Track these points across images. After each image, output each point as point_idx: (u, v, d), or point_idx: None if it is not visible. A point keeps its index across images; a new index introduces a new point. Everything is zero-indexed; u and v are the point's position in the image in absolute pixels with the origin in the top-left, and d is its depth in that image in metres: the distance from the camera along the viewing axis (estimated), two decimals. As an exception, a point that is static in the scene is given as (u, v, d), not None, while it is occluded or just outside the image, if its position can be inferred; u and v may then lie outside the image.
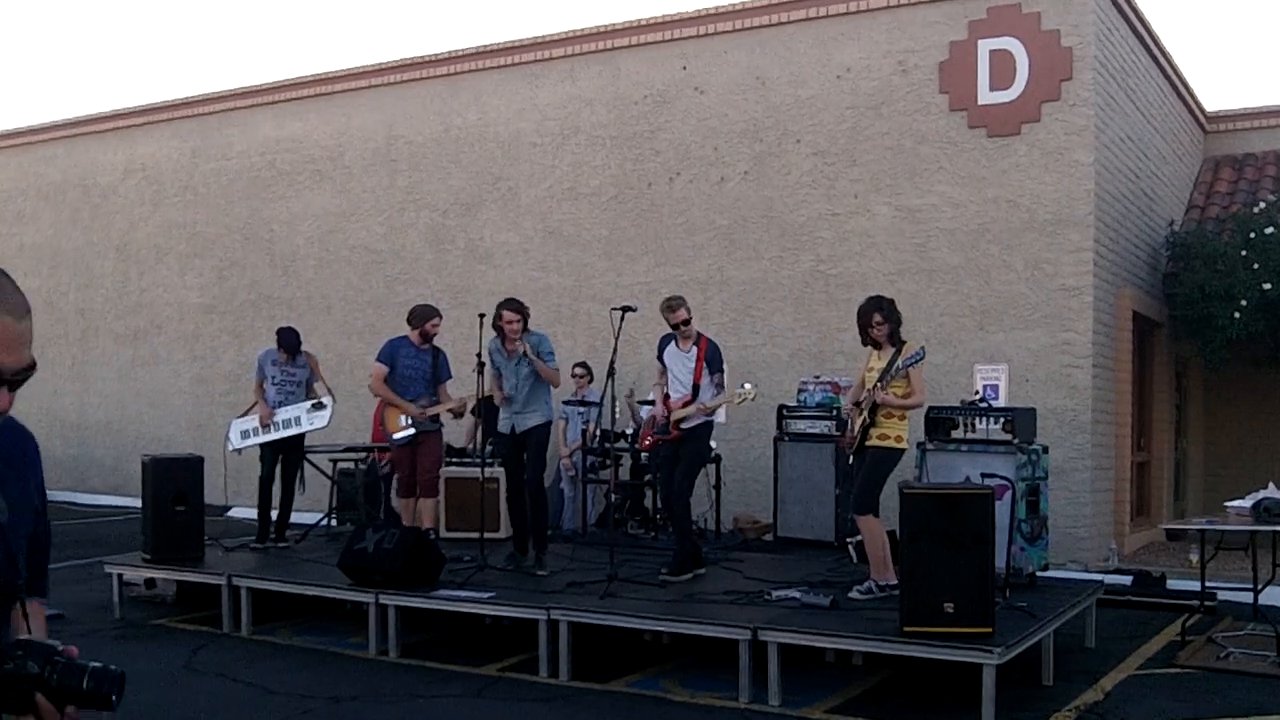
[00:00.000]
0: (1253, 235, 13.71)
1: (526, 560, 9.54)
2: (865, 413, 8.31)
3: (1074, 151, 12.33)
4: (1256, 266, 13.53)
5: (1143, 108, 14.14)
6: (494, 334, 9.59)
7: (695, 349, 8.97)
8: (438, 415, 10.50)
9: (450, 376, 10.71)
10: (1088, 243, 12.26)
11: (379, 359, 10.47)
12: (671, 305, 9.09)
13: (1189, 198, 16.48)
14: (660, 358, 9.20)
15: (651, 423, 9.40)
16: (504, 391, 9.58)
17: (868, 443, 8.34)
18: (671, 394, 9.08)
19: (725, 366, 9.27)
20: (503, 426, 9.64)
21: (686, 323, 8.98)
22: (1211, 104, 17.39)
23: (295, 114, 17.87)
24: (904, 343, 8.38)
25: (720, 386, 9.10)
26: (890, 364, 8.24)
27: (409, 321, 10.55)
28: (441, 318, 10.64)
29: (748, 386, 9.00)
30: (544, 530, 9.75)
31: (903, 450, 8.40)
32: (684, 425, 9.00)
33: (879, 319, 8.39)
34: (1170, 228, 15.02)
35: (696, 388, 8.97)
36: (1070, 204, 12.32)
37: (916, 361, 8.19)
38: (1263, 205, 14.31)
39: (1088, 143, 12.29)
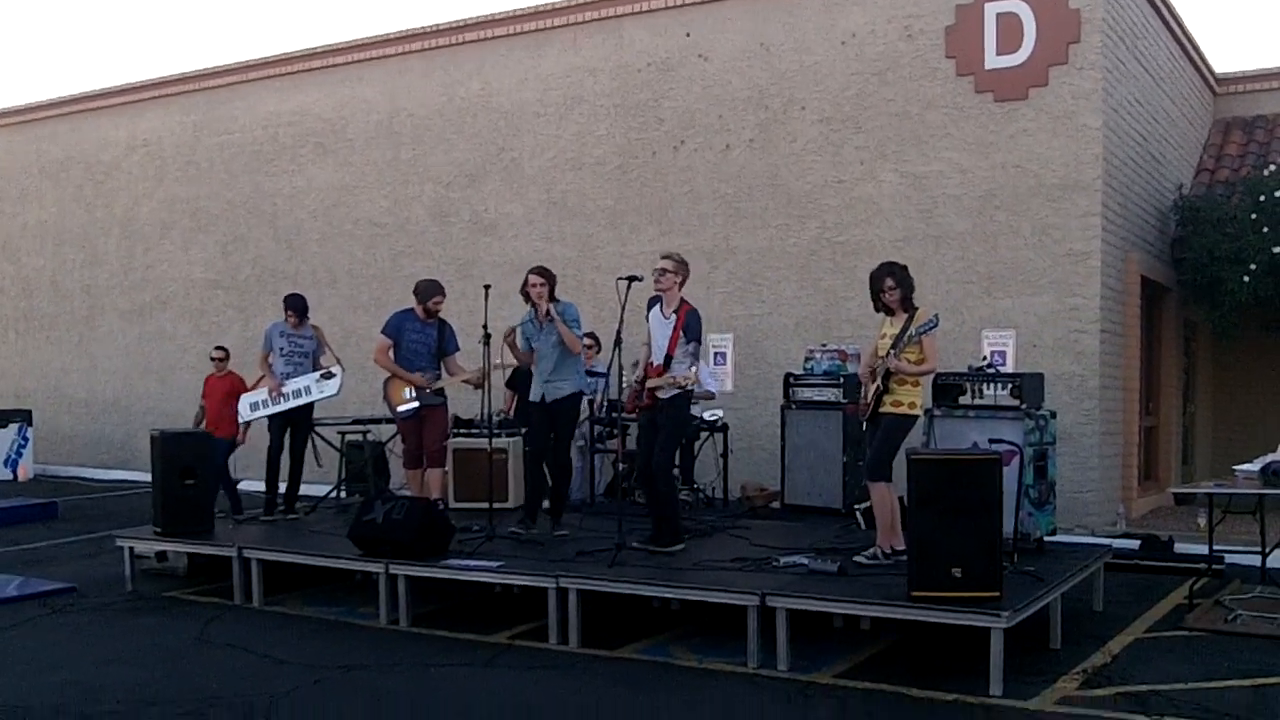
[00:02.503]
0: (1263, 198, 13.65)
1: (534, 529, 9.54)
2: (879, 380, 8.29)
3: (1082, 115, 12.26)
4: (1266, 230, 13.49)
5: (1151, 70, 14.05)
6: (527, 306, 9.64)
7: (675, 316, 8.85)
8: (442, 390, 10.49)
9: (458, 349, 10.69)
10: (1096, 207, 12.20)
11: (384, 332, 10.46)
12: (664, 254, 9.04)
13: (1198, 161, 16.39)
14: (647, 318, 9.07)
15: (634, 387, 9.24)
16: (515, 336, 9.67)
17: (882, 410, 8.32)
18: (652, 360, 8.96)
19: (703, 337, 9.11)
20: (533, 395, 9.65)
21: (664, 273, 8.84)
22: (1221, 66, 17.31)
23: (297, 87, 17.82)
24: (916, 309, 8.34)
25: (694, 356, 8.87)
26: (903, 331, 8.21)
27: (415, 294, 10.54)
28: (445, 295, 10.60)
29: (694, 369, 8.89)
30: (565, 498, 10.01)
31: (917, 417, 8.39)
32: (659, 394, 8.82)
33: (891, 284, 8.35)
34: (1179, 191, 14.96)
35: (670, 358, 8.78)
36: (1078, 168, 12.26)
37: (930, 329, 8.15)
38: (1273, 168, 14.22)
39: (1095, 106, 12.22)
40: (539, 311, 9.56)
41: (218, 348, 12.95)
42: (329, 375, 11.10)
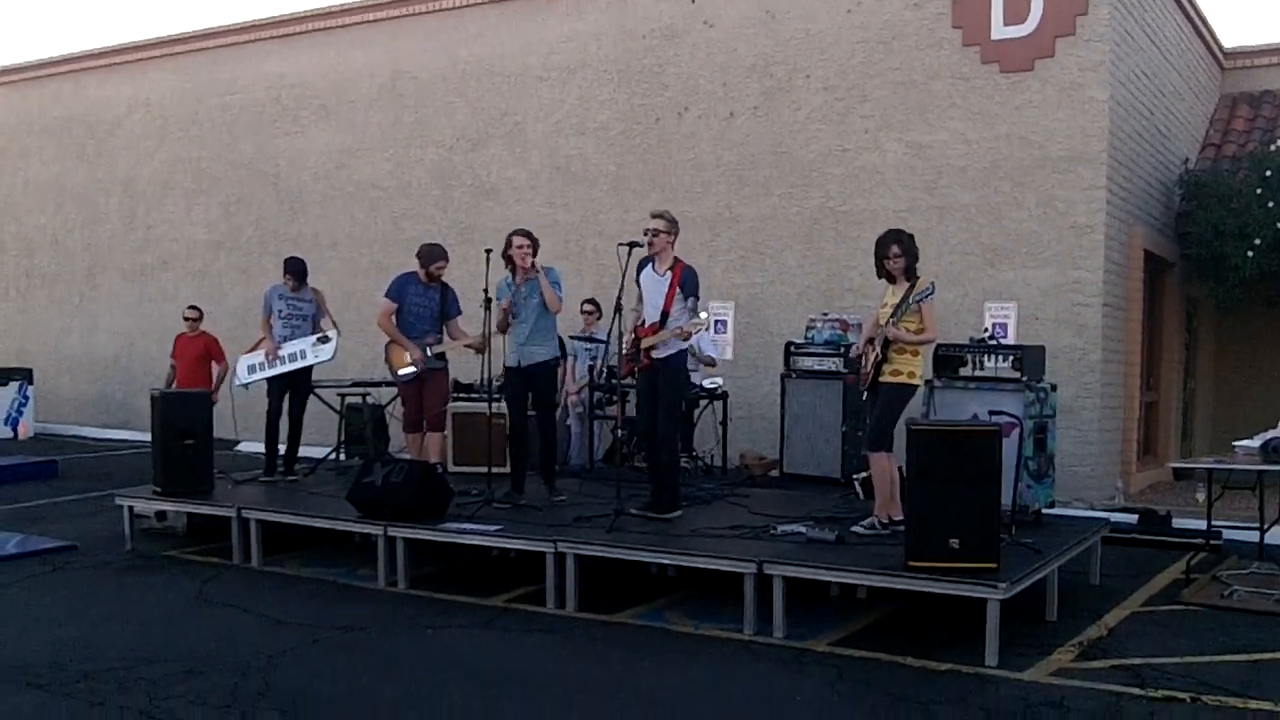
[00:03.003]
0: (1268, 174, 13.58)
1: (522, 499, 9.51)
2: (879, 349, 8.27)
3: (1088, 88, 12.20)
4: (1271, 205, 13.42)
5: (1159, 43, 13.97)
6: (505, 269, 9.54)
7: (670, 274, 8.74)
8: (443, 354, 10.46)
9: (460, 313, 10.65)
10: (1100, 180, 12.16)
11: (387, 295, 10.42)
12: (653, 213, 8.86)
13: (1204, 135, 16.32)
14: (639, 281, 8.94)
15: (626, 351, 9.06)
16: (504, 305, 9.48)
17: (881, 379, 8.29)
18: (646, 319, 8.85)
19: (701, 294, 8.97)
20: (509, 360, 9.55)
21: (657, 234, 8.73)
22: (1230, 40, 17.18)
23: (300, 49, 17.74)
24: (918, 278, 8.31)
25: (694, 312, 8.70)
26: (903, 300, 8.19)
27: (417, 258, 10.50)
28: (447, 261, 10.53)
29: (704, 315, 8.81)
30: (553, 463, 9.85)
31: (916, 386, 8.35)
32: (655, 354, 8.69)
33: (896, 251, 8.30)
34: (1185, 166, 14.89)
35: (666, 315, 8.64)
36: (1083, 141, 12.21)
37: (926, 297, 8.12)
38: (1279, 143, 14.16)
39: (1102, 79, 12.15)
40: (519, 270, 9.45)
41: (191, 307, 12.93)
42: (324, 339, 11.10)
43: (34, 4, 49.39)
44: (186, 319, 12.77)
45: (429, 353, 10.28)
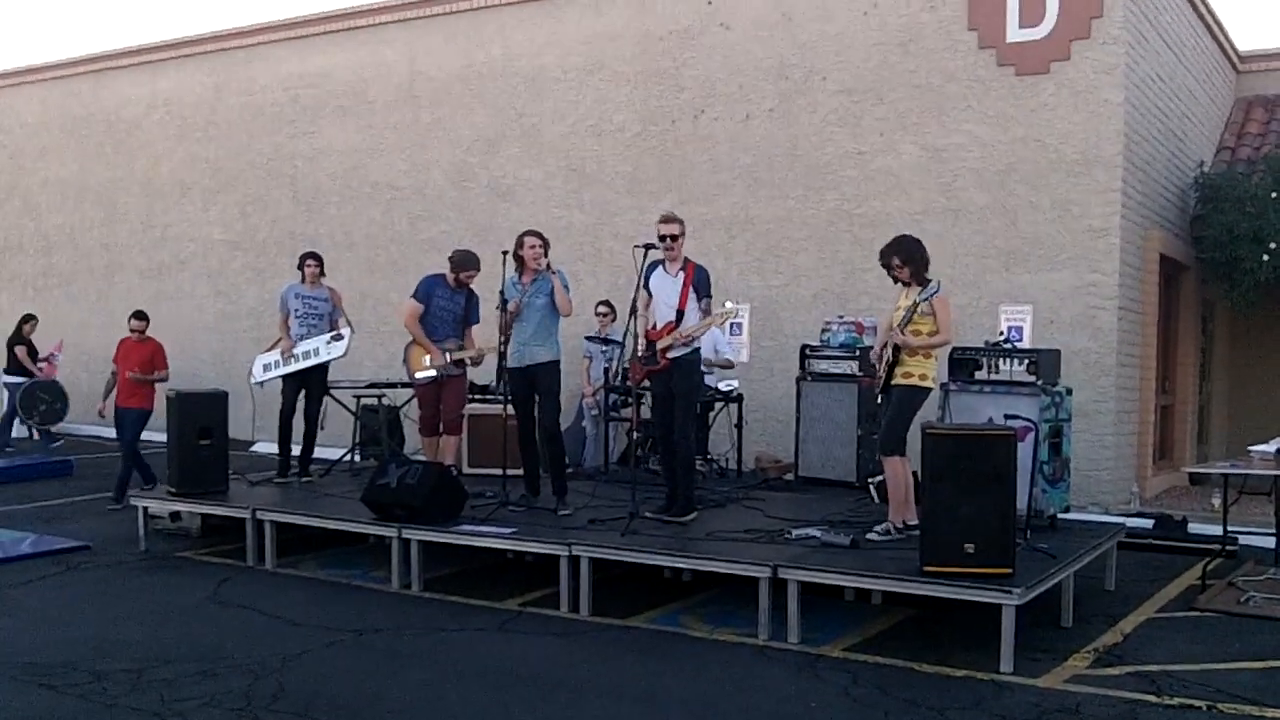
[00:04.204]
0: (1284, 177, 13.54)
1: (537, 500, 9.49)
2: (890, 351, 8.26)
3: (1103, 90, 12.16)
4: (1287, 208, 13.38)
5: (1174, 46, 13.92)
6: (514, 269, 9.45)
7: (682, 274, 8.72)
8: (462, 360, 10.43)
9: (478, 321, 10.61)
10: (1116, 183, 12.12)
11: (415, 296, 10.37)
12: (666, 217, 8.83)
13: (1219, 139, 16.25)
14: (647, 285, 8.90)
15: (639, 356, 9.03)
16: (513, 309, 9.36)
17: (894, 382, 8.27)
18: (658, 321, 8.82)
19: (713, 293, 8.93)
20: (512, 361, 9.42)
21: (675, 238, 8.72)
22: (1244, 43, 17.13)
23: (318, 49, 17.77)
24: (929, 281, 8.29)
25: (708, 313, 8.72)
26: (914, 304, 8.16)
27: (449, 261, 10.47)
28: (478, 271, 10.45)
29: (729, 304, 8.75)
30: (563, 473, 9.50)
31: (929, 389, 8.32)
32: (671, 354, 8.68)
33: (898, 261, 8.29)
34: (1200, 169, 14.83)
35: (681, 314, 8.64)
36: (1099, 144, 12.17)
37: (933, 294, 8.07)
38: (1294, 147, 14.11)
39: (1117, 82, 12.12)
40: (527, 270, 9.36)
41: (137, 315, 12.71)
42: (338, 337, 11.13)
43: (54, 4, 49.59)
44: (133, 329, 12.61)
45: (448, 359, 10.25)
